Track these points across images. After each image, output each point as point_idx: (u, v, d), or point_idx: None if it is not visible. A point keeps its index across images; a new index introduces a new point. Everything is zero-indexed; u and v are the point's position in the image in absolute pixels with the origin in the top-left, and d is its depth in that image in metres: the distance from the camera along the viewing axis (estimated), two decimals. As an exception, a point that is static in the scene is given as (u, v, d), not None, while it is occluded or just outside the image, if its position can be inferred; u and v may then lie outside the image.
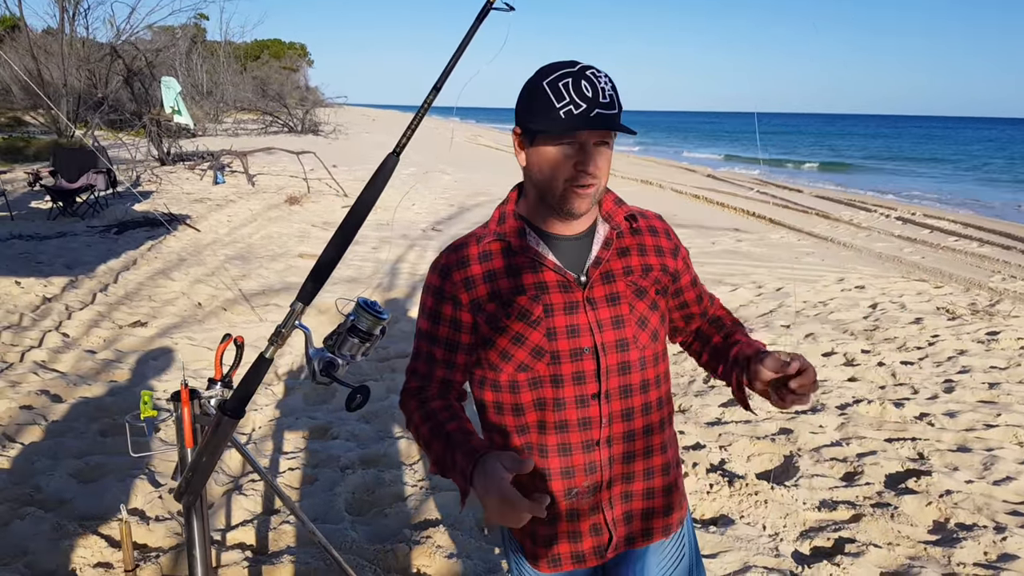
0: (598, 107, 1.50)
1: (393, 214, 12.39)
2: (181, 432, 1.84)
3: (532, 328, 1.61)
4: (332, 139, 29.86)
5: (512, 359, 1.63)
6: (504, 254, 1.66)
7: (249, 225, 10.82)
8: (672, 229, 1.83)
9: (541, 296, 1.62)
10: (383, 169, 1.72)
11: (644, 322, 1.66)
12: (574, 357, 1.60)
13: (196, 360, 5.41)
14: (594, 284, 1.63)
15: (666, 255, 1.75)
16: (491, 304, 1.64)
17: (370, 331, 1.78)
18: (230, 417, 1.74)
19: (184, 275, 7.65)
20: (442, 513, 3.56)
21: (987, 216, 18.54)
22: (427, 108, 1.71)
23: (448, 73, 1.67)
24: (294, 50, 76.82)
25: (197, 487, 1.83)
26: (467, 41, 1.66)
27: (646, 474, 1.71)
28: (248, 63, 53.52)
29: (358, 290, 7.51)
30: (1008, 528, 3.66)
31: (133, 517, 3.38)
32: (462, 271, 1.67)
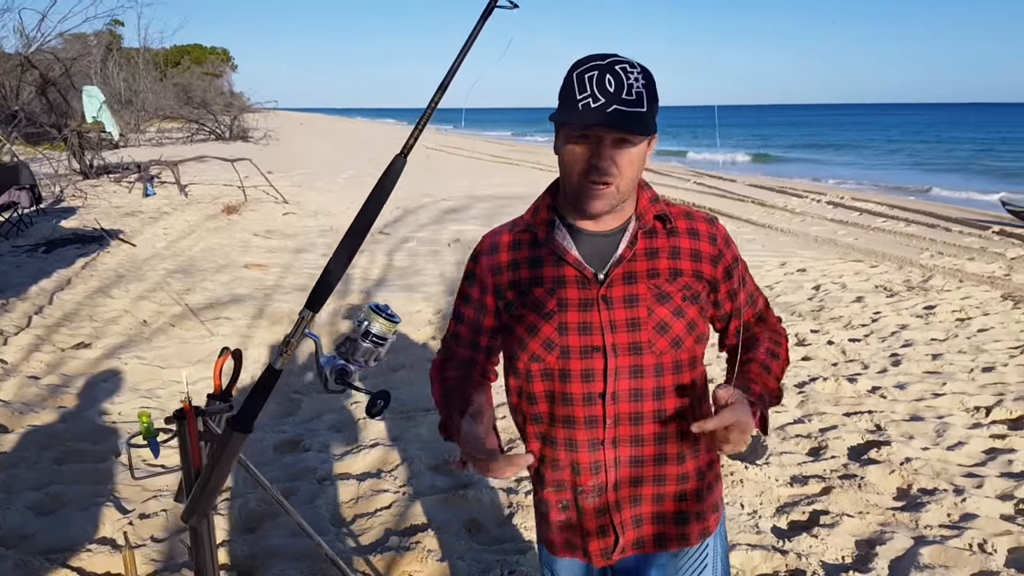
0: (618, 103, 1.46)
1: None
2: (186, 450, 1.80)
3: (545, 320, 1.62)
4: (264, 145, 29.27)
5: (527, 348, 1.66)
6: (531, 245, 1.68)
7: (188, 237, 10.54)
8: (723, 235, 1.70)
9: (557, 290, 1.62)
10: (391, 171, 1.73)
11: (664, 328, 1.60)
12: (584, 354, 1.60)
13: (149, 380, 5.25)
14: (613, 283, 1.60)
15: (703, 261, 1.66)
16: (511, 292, 1.68)
17: (383, 335, 1.78)
18: (240, 432, 1.71)
19: (124, 292, 7.41)
20: (428, 517, 3.54)
21: (909, 197, 19.32)
22: (434, 108, 1.71)
23: (454, 72, 1.66)
24: (216, 55, 74.92)
25: (206, 507, 1.80)
26: (472, 40, 1.66)
27: (656, 480, 1.67)
28: (168, 70, 52.01)
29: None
30: (966, 490, 3.84)
31: (103, 547, 3.27)
32: (491, 257, 1.71)
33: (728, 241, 1.70)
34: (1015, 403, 4.87)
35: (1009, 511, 3.66)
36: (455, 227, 11.83)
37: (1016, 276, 8.68)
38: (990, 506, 3.68)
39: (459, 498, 3.70)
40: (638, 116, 1.47)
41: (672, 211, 1.68)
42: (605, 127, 1.47)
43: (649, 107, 1.49)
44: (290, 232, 11.37)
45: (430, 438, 4.42)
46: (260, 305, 7.08)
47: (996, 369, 5.53)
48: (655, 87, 1.52)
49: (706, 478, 1.73)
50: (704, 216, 1.71)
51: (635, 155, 1.52)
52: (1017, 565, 3.23)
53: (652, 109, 1.51)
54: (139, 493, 3.69)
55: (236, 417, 1.71)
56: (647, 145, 1.57)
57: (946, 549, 3.31)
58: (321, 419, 4.69)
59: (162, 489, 3.72)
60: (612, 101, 1.46)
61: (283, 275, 8.51)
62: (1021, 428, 4.57)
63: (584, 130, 1.50)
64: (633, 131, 1.47)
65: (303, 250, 10.01)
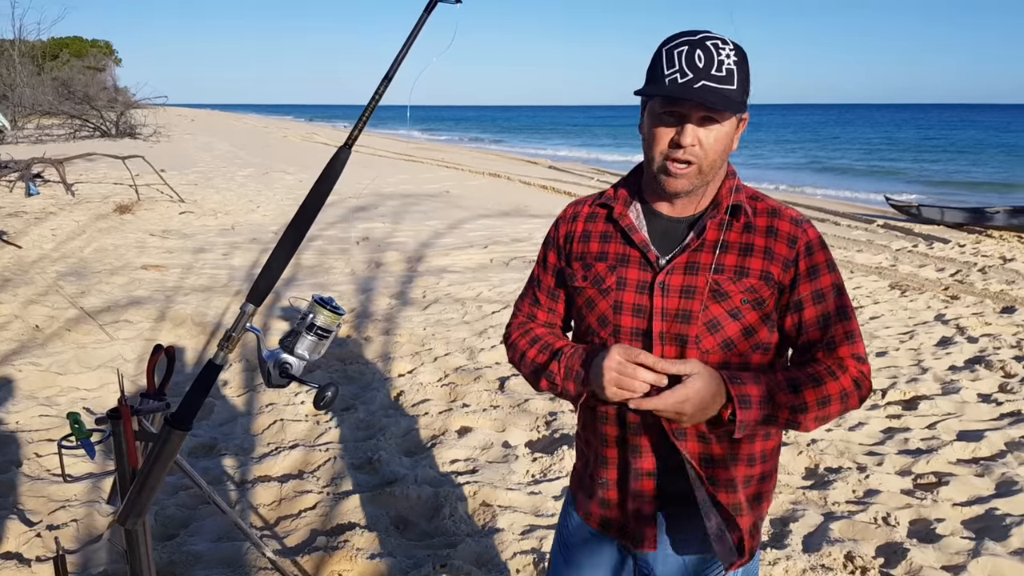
0: (706, 79, 1.41)
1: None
2: (122, 451, 1.72)
3: (602, 296, 1.62)
4: (154, 142, 28.08)
5: (584, 320, 1.67)
6: (606, 220, 1.66)
7: (78, 238, 10.00)
8: (806, 240, 1.54)
9: (619, 268, 1.61)
10: (335, 162, 1.69)
11: (715, 327, 1.53)
12: (634, 335, 1.57)
13: (47, 387, 4.97)
14: (674, 270, 1.54)
15: (775, 262, 1.53)
16: (577, 263, 1.67)
17: (328, 328, 1.74)
18: (179, 430, 1.66)
19: (12, 296, 6.98)
20: (354, 516, 3.49)
21: (799, 193, 20.23)
22: (377, 101, 1.69)
23: (398, 65, 1.66)
24: (98, 48, 71.35)
25: (143, 507, 1.72)
26: (415, 33, 1.66)
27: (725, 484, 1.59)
28: (46, 63, 49.17)
29: (215, 299, 7.17)
30: (868, 467, 4.07)
31: (10, 561, 3.08)
32: (568, 225, 1.72)
33: (812, 248, 1.55)
34: (907, 385, 5.20)
35: (908, 486, 3.90)
36: (363, 225, 11.67)
37: (901, 267, 9.24)
38: (891, 482, 3.91)
39: (386, 495, 3.66)
40: (727, 93, 1.43)
41: (758, 206, 1.59)
42: (692, 102, 1.43)
43: (740, 85, 1.45)
44: (188, 232, 10.97)
45: (352, 437, 4.36)
46: (161, 307, 6.80)
47: (888, 354, 5.88)
48: (747, 66, 1.47)
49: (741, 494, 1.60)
50: (793, 216, 1.58)
51: (722, 135, 1.48)
52: (919, 535, 3.45)
53: (743, 88, 1.46)
54: (44, 504, 3.49)
55: (175, 415, 1.65)
56: (736, 127, 1.52)
57: (854, 523, 3.51)
58: (236, 422, 4.55)
59: (70, 499, 3.53)
60: (701, 76, 1.41)
61: (184, 276, 8.21)
62: (914, 408, 4.88)
63: (670, 106, 1.46)
64: (721, 107, 1.42)
65: (203, 250, 9.67)
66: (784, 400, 1.48)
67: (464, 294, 7.66)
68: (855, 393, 1.53)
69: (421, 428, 4.51)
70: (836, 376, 1.51)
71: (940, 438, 4.41)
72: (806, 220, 1.59)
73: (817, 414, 1.50)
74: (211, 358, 1.64)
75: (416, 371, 5.43)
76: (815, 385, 1.50)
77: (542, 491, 3.77)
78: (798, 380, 1.50)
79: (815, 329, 1.55)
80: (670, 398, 1.42)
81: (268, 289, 1.68)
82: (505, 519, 3.49)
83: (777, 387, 1.49)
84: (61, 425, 4.36)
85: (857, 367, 1.54)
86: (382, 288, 7.85)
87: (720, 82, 1.42)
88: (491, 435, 4.41)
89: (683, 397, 1.42)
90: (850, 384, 1.52)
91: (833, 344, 1.55)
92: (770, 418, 1.49)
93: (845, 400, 1.52)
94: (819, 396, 1.49)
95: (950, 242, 10.97)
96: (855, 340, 1.56)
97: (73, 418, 1.72)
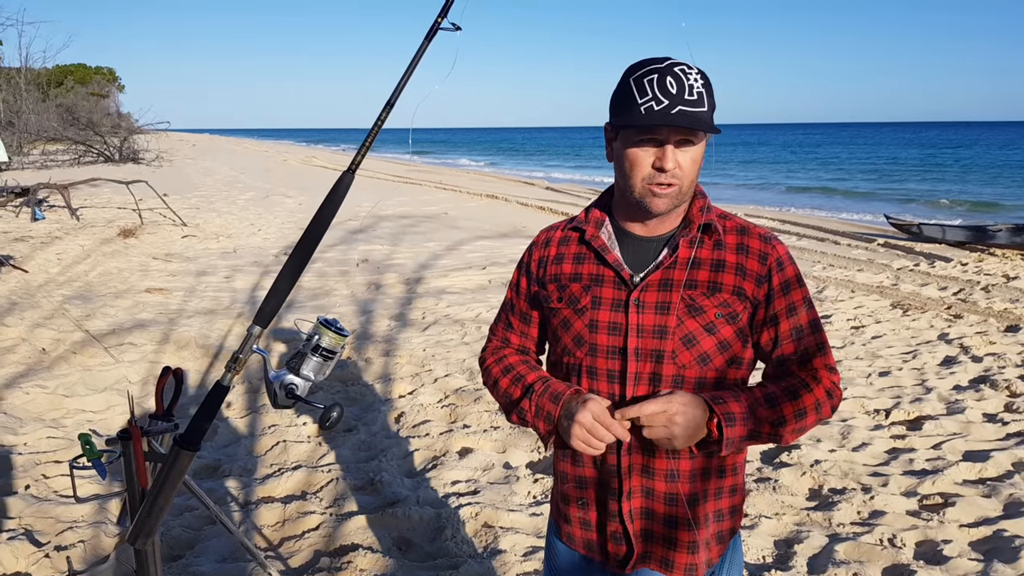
0: (681, 104, 1.47)
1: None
2: (132, 471, 1.74)
3: (577, 316, 1.65)
4: (156, 167, 28.25)
5: (560, 341, 1.70)
6: (578, 242, 1.70)
7: (83, 262, 10.05)
8: (776, 256, 1.61)
9: (593, 287, 1.65)
10: (339, 186, 1.73)
11: (691, 341, 1.57)
12: (610, 354, 1.61)
13: (54, 409, 4.99)
14: (648, 288, 1.59)
15: (747, 279, 1.59)
16: (552, 285, 1.71)
17: (332, 349, 1.78)
18: (188, 450, 1.68)
19: (19, 320, 7.01)
20: (357, 537, 3.49)
21: (796, 211, 20.28)
22: (380, 126, 1.73)
23: (400, 91, 1.70)
24: (102, 75, 71.92)
25: (153, 527, 1.74)
26: (417, 60, 1.70)
27: (668, 499, 1.63)
28: (51, 90, 49.56)
29: (217, 322, 7.19)
30: (873, 488, 4.06)
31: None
32: (541, 250, 1.76)
33: (782, 264, 1.61)
34: (911, 405, 5.19)
35: (914, 507, 3.89)
36: (363, 247, 11.72)
37: (903, 286, 9.25)
38: (896, 503, 3.90)
39: (388, 516, 3.66)
40: (700, 115, 1.49)
41: (727, 224, 1.64)
42: (672, 128, 1.49)
43: (709, 107, 1.51)
44: (191, 255, 11.02)
45: (353, 459, 4.36)
46: (165, 330, 6.82)
47: (892, 373, 5.88)
48: (712, 88, 1.53)
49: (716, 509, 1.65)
50: (761, 233, 1.64)
51: (696, 155, 1.55)
52: (925, 557, 3.44)
53: (712, 109, 1.52)
54: (52, 525, 3.49)
55: (183, 436, 1.67)
56: (704, 147, 1.58)
57: (859, 545, 3.50)
58: (239, 443, 4.56)
59: (77, 520, 3.54)
60: (676, 102, 1.47)
61: (187, 299, 8.24)
62: (918, 428, 4.87)
63: (649, 133, 1.51)
64: (700, 129, 1.49)
65: (205, 273, 9.72)
66: (764, 415, 1.55)
67: (463, 315, 7.68)
68: (827, 403, 1.59)
69: (422, 449, 4.51)
70: (810, 388, 1.58)
71: (946, 458, 4.40)
72: (774, 237, 1.66)
73: (795, 426, 1.56)
74: (219, 380, 1.66)
75: (416, 392, 5.44)
76: (791, 398, 1.56)
77: (544, 512, 3.77)
78: (774, 395, 1.56)
79: (789, 342, 1.61)
80: (650, 407, 1.48)
81: (274, 311, 1.71)
82: (507, 540, 3.49)
83: (756, 403, 1.55)
84: (68, 447, 4.37)
85: (829, 378, 1.61)
86: (382, 310, 7.88)
87: (693, 105, 1.48)
88: (492, 456, 4.41)
89: (663, 406, 1.48)
90: (823, 395, 1.58)
91: (807, 356, 1.61)
92: (753, 433, 1.55)
93: (819, 410, 1.58)
94: (796, 409, 1.56)
95: (952, 261, 10.98)
96: (826, 351, 1.63)
97: (84, 439, 1.74)
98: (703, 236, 1.61)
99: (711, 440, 1.53)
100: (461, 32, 1.71)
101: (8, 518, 3.55)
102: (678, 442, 1.49)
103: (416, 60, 1.70)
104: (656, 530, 1.65)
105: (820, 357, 1.61)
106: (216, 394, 1.68)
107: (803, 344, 1.61)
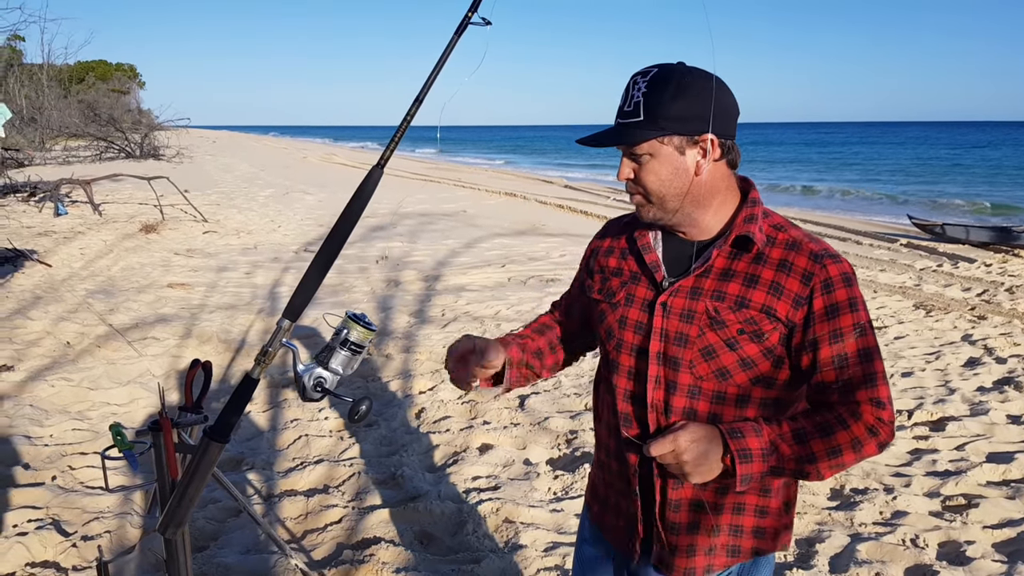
0: (619, 116, 1.51)
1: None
2: (162, 462, 1.76)
3: (612, 309, 1.68)
4: (177, 163, 28.47)
5: (597, 331, 1.75)
6: (628, 238, 1.73)
7: (105, 257, 10.16)
8: (825, 278, 1.48)
9: (629, 284, 1.67)
10: (368, 181, 1.73)
11: (710, 354, 1.52)
12: (634, 352, 1.62)
13: (79, 401, 5.05)
14: (677, 293, 1.56)
15: (782, 298, 1.49)
16: (597, 276, 1.75)
17: (361, 343, 1.78)
18: (218, 442, 1.69)
19: (44, 313, 7.10)
20: (379, 530, 3.51)
21: (816, 212, 20.14)
22: (409, 121, 1.73)
23: (429, 86, 1.70)
24: (123, 71, 72.64)
25: (183, 517, 1.76)
26: (446, 55, 1.70)
27: (675, 506, 1.61)
28: (72, 86, 50.08)
29: (239, 316, 7.25)
30: (895, 489, 4.03)
31: (48, 570, 3.14)
32: (598, 240, 1.81)
33: (831, 286, 1.48)
34: (934, 406, 5.15)
35: (937, 508, 3.86)
36: (382, 244, 11.76)
37: (926, 286, 9.18)
38: (919, 503, 3.88)
39: (410, 510, 3.68)
40: (629, 127, 1.48)
41: (779, 236, 1.55)
42: (607, 142, 1.53)
43: (650, 113, 1.46)
44: (211, 251, 11.10)
45: (375, 453, 4.39)
46: (187, 325, 6.89)
47: (915, 374, 5.83)
48: (666, 91, 1.45)
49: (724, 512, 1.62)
50: (814, 250, 1.51)
51: (657, 166, 1.50)
52: (948, 558, 3.41)
53: (656, 114, 1.46)
54: (79, 515, 3.54)
55: (213, 427, 1.69)
56: (682, 154, 1.50)
57: (881, 545, 3.48)
58: (262, 437, 4.60)
59: (103, 511, 3.58)
60: (618, 116, 1.51)
61: (208, 294, 8.31)
62: (941, 430, 4.84)
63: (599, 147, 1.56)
64: (619, 142, 1.50)
65: (226, 269, 9.79)
66: (789, 452, 1.47)
67: (482, 312, 7.69)
68: (870, 440, 1.47)
69: (443, 445, 4.53)
70: (847, 424, 1.47)
71: (969, 460, 4.37)
72: (829, 255, 1.51)
73: (829, 463, 1.47)
74: (248, 372, 1.68)
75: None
76: (823, 435, 1.47)
77: (564, 508, 3.77)
78: (804, 431, 1.47)
79: (830, 369, 1.49)
80: (657, 448, 1.45)
81: (304, 304, 1.72)
82: (528, 536, 3.50)
83: (781, 438, 1.47)
84: (93, 439, 4.42)
85: (874, 413, 1.47)
86: (401, 306, 7.91)
87: (628, 116, 1.49)
88: (512, 452, 4.42)
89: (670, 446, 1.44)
90: (863, 432, 1.47)
91: (850, 386, 1.49)
92: (776, 470, 1.48)
93: (858, 448, 1.47)
94: (828, 446, 1.46)
95: (976, 261, 10.87)
96: (876, 383, 1.49)
97: (116, 430, 1.77)
98: (739, 249, 1.55)
99: (729, 474, 1.47)
100: (491, 27, 1.71)
101: (35, 508, 3.60)
102: (692, 478, 1.45)
103: (446, 54, 1.70)
104: (675, 529, 1.65)
105: (865, 390, 1.48)
106: (246, 387, 1.69)
107: (847, 373, 1.48)
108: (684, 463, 1.45)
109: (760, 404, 1.56)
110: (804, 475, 1.49)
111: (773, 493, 1.63)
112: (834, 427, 1.47)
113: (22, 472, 3.99)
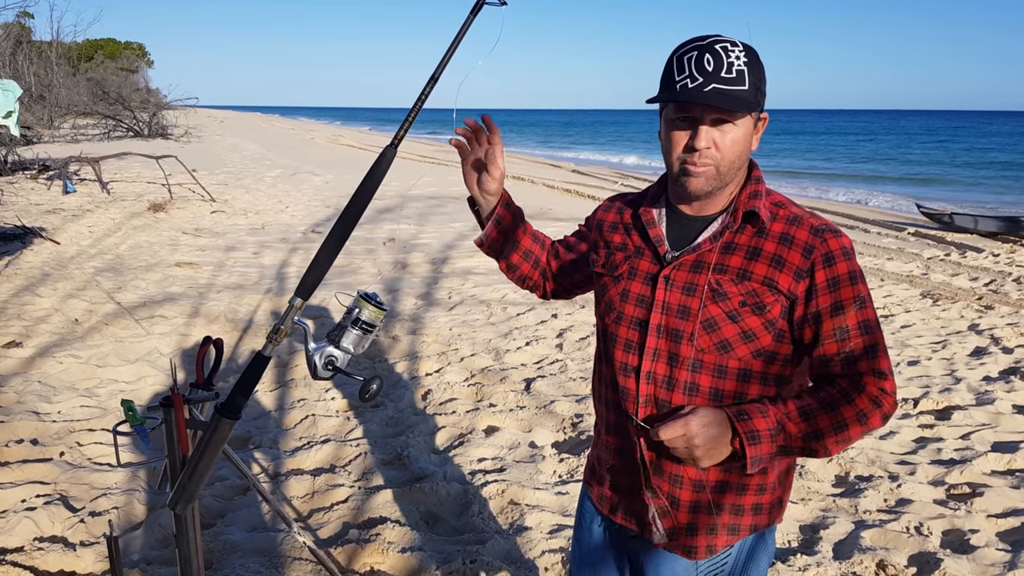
0: (717, 82, 1.44)
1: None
2: (173, 438, 1.77)
3: (613, 283, 1.70)
4: (185, 143, 28.49)
5: (599, 304, 1.76)
6: (633, 215, 1.74)
7: (114, 235, 10.19)
8: (825, 251, 1.50)
9: (632, 258, 1.68)
10: (381, 161, 1.73)
11: (712, 326, 1.53)
12: (632, 324, 1.64)
13: (87, 378, 5.08)
14: (681, 267, 1.58)
15: (784, 271, 1.50)
16: (603, 250, 1.77)
17: (372, 322, 1.79)
18: (229, 418, 1.70)
19: (52, 290, 7.13)
20: (385, 510, 3.53)
21: (825, 199, 20.04)
22: (423, 101, 1.73)
23: (444, 66, 1.70)
24: (131, 50, 72.45)
25: (193, 493, 1.77)
26: (461, 35, 1.70)
27: (672, 480, 1.63)
28: (81, 64, 50.00)
29: (246, 296, 7.26)
30: (900, 476, 4.04)
31: (56, 545, 3.17)
32: (604, 213, 1.83)
33: (831, 259, 1.50)
34: (940, 395, 5.15)
35: (941, 496, 3.87)
36: (389, 226, 11.78)
37: (933, 275, 9.15)
38: (923, 491, 3.88)
39: (416, 491, 3.70)
40: (737, 94, 1.45)
41: (780, 212, 1.57)
42: (704, 106, 1.47)
43: (752, 86, 1.46)
44: (219, 231, 11.12)
45: (381, 434, 4.41)
46: (195, 304, 6.91)
47: (921, 363, 5.82)
48: (759, 65, 1.49)
49: (727, 492, 1.62)
50: (814, 225, 1.54)
51: (738, 136, 1.50)
52: (952, 546, 3.42)
53: (756, 88, 1.47)
54: (87, 491, 3.57)
55: (225, 404, 1.70)
56: (754, 127, 1.54)
57: (885, 532, 3.49)
58: (268, 416, 4.63)
59: (111, 487, 3.61)
60: (711, 80, 1.44)
61: (215, 274, 8.33)
62: (947, 418, 4.84)
63: (684, 111, 1.50)
64: (731, 108, 1.45)
65: (234, 248, 9.81)
66: (796, 430, 1.49)
67: (489, 295, 7.70)
68: (874, 412, 1.49)
69: (449, 426, 4.55)
70: (851, 398, 1.49)
71: (974, 448, 4.37)
72: (830, 230, 1.54)
73: (836, 438, 1.48)
74: (259, 350, 1.69)
75: (443, 371, 5.48)
76: (828, 411, 1.48)
77: (569, 491, 3.79)
78: (809, 408, 1.49)
79: (832, 342, 1.51)
80: (668, 431, 1.48)
81: (316, 283, 1.72)
82: (533, 518, 3.52)
83: (788, 417, 1.49)
84: (101, 416, 4.45)
85: (876, 384, 1.49)
86: (408, 289, 7.92)
87: (730, 83, 1.45)
88: (518, 435, 4.44)
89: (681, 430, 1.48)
90: (867, 404, 1.48)
91: (852, 358, 1.51)
92: (785, 449, 1.50)
93: (863, 421, 1.48)
94: (834, 422, 1.48)
95: (984, 251, 10.83)
96: (876, 355, 1.50)
97: (128, 406, 1.77)
98: (745, 223, 1.56)
99: (738, 457, 1.50)
100: (507, 7, 1.70)
101: (43, 484, 3.63)
102: (701, 462, 1.49)
103: (461, 34, 1.69)
104: (679, 507, 1.66)
105: (867, 361, 1.49)
106: (257, 364, 1.70)
107: (848, 345, 1.50)
108: (695, 447, 1.47)
109: (762, 379, 1.57)
110: (812, 452, 1.51)
111: (770, 468, 1.65)
112: (838, 401, 1.49)
113: (30, 448, 4.02)
